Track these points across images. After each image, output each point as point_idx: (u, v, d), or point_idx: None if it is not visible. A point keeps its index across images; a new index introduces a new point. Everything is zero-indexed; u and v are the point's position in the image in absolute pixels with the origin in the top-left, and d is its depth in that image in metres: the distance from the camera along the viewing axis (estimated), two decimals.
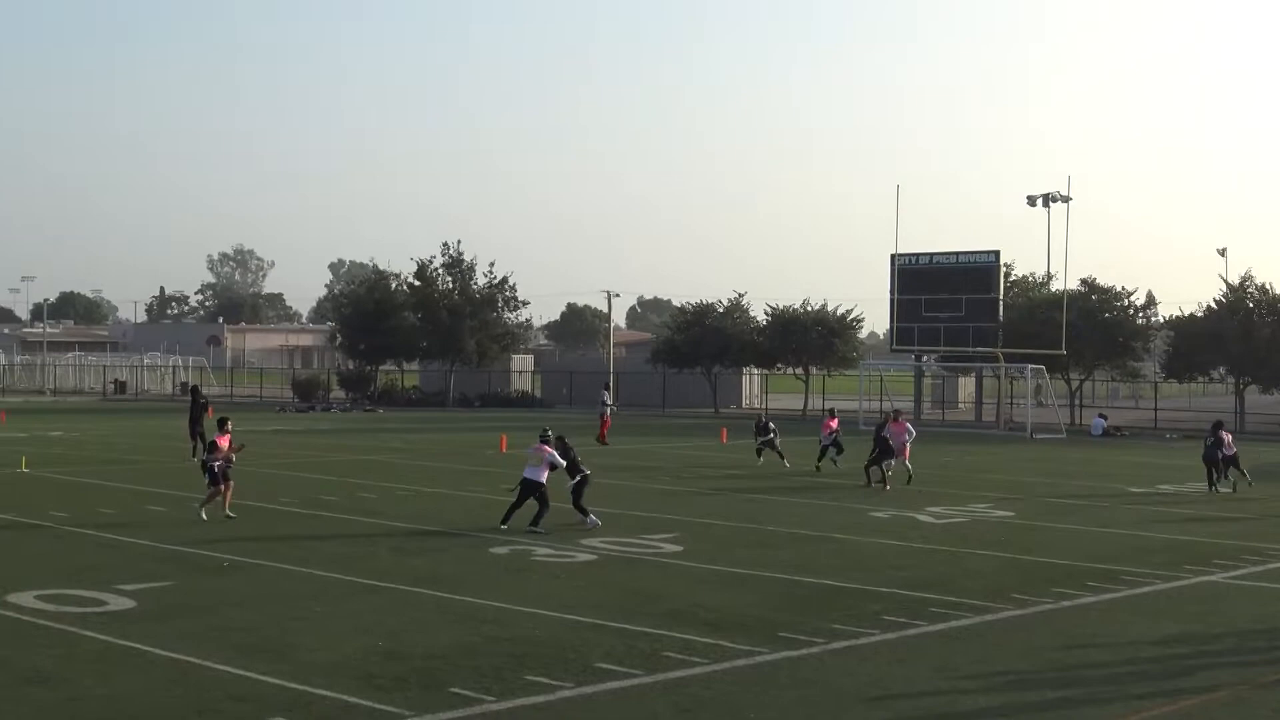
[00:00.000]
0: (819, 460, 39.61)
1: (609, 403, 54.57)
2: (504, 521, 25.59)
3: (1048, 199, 69.97)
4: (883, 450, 35.37)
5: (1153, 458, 48.78)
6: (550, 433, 26.96)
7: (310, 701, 13.02)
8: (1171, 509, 31.44)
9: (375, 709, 12.80)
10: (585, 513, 26.23)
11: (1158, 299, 75.59)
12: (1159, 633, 17.31)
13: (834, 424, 39.92)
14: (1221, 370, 74.41)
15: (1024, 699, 13.84)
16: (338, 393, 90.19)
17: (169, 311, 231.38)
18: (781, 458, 40.46)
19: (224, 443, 26.95)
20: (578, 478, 26.48)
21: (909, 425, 37.24)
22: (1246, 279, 70.47)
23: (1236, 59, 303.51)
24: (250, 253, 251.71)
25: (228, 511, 26.50)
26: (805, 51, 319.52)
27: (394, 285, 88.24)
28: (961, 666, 15.12)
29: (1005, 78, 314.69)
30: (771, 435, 41.08)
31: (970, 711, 13.36)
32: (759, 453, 41.38)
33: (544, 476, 25.69)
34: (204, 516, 26.18)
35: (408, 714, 12.63)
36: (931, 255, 73.72)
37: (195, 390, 46.06)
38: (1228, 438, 35.78)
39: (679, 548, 23.69)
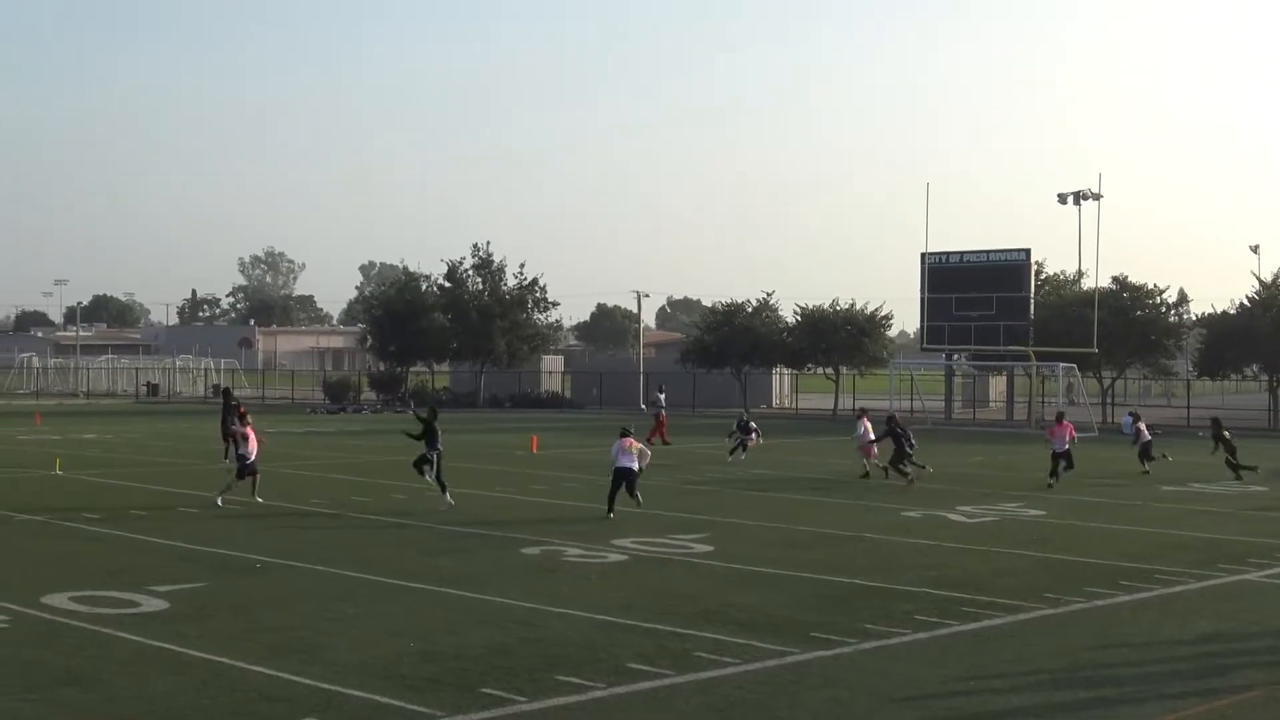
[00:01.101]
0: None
1: (664, 404, 54.59)
2: (610, 511, 27.62)
3: (1078, 196, 69.77)
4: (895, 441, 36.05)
5: (1184, 456, 48.45)
6: (631, 429, 29.41)
7: (343, 702, 13.05)
8: (1204, 507, 31.26)
9: (407, 709, 12.81)
10: (444, 489, 29.28)
11: (1190, 296, 75.22)
12: (1192, 632, 17.21)
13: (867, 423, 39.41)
14: (1255, 368, 73.94)
15: (1057, 699, 13.77)
16: (368, 394, 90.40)
17: (200, 314, 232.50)
18: (733, 452, 42.59)
19: (250, 433, 29.39)
20: (432, 454, 29.61)
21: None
22: (1279, 275, 70.09)
23: (1269, 55, 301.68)
24: (281, 255, 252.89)
25: (257, 496, 28.98)
26: (834, 51, 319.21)
27: (424, 287, 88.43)
28: (994, 666, 15.06)
29: (1035, 75, 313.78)
30: (752, 433, 42.89)
31: (1003, 711, 13.29)
32: (733, 451, 42.80)
33: (635, 464, 28.02)
34: (220, 503, 28.41)
35: (440, 714, 12.64)
36: (962, 254, 73.60)
37: (227, 392, 46.23)
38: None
39: (710, 548, 23.66)
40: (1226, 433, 39.81)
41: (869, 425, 38.14)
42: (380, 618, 17.23)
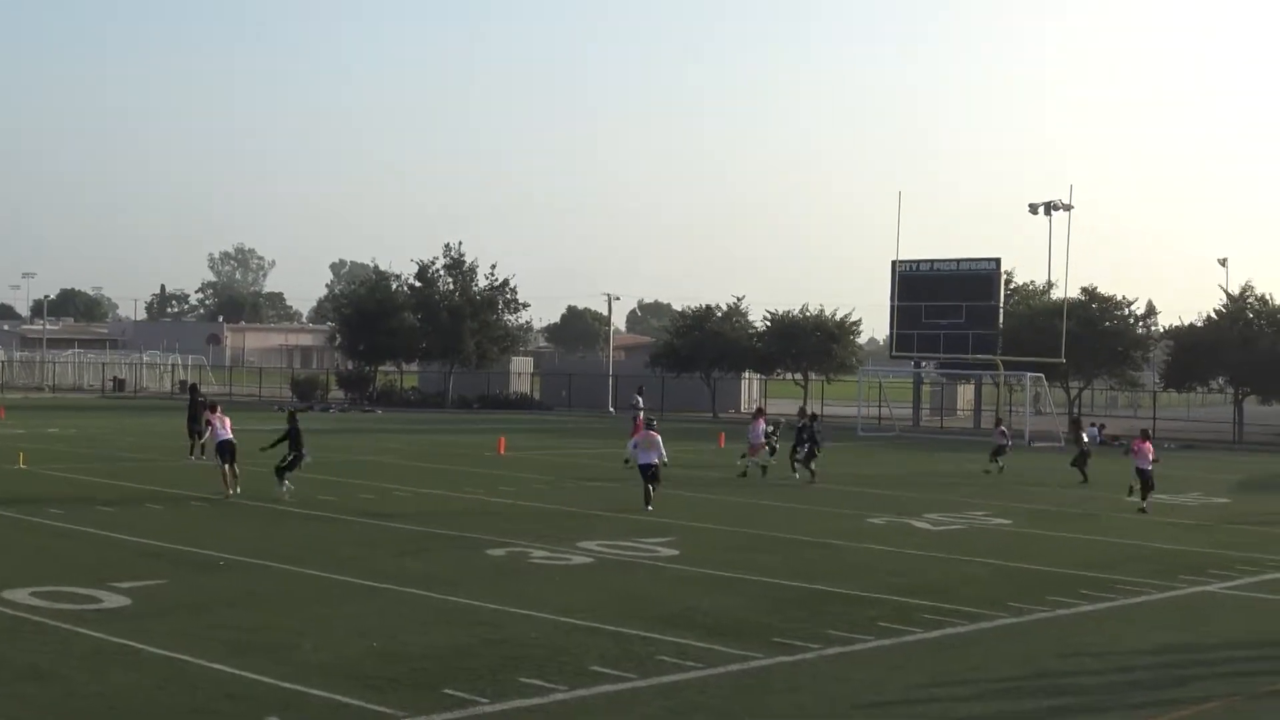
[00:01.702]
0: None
1: (641, 406, 54.49)
2: (647, 504, 29.16)
3: (1049, 207, 70.12)
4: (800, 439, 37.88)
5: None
6: (656, 421, 31.90)
7: (305, 701, 13.02)
8: (1166, 518, 31.44)
9: (369, 709, 12.79)
10: (281, 481, 30.16)
11: (1157, 309, 75.91)
12: (1154, 642, 17.31)
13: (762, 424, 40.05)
14: (1220, 380, 74.44)
15: (1018, 707, 13.84)
16: (336, 393, 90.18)
17: (169, 310, 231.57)
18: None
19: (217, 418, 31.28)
20: (295, 454, 30.43)
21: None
22: (1246, 289, 70.67)
23: (1238, 69, 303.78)
24: (251, 252, 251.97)
25: (234, 490, 29.73)
26: (808, 57, 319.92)
27: (395, 286, 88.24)
28: (956, 674, 15.13)
29: (1009, 85, 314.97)
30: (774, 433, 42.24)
31: (964, 718, 13.35)
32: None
33: (655, 459, 29.53)
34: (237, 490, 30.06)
35: (401, 714, 12.62)
36: (932, 262, 73.87)
37: (194, 389, 46.13)
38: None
39: (675, 551, 23.68)
40: (1085, 435, 43.22)
41: (764, 425, 39.32)
42: (344, 617, 17.19)
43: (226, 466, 30.48)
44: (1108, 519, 31.13)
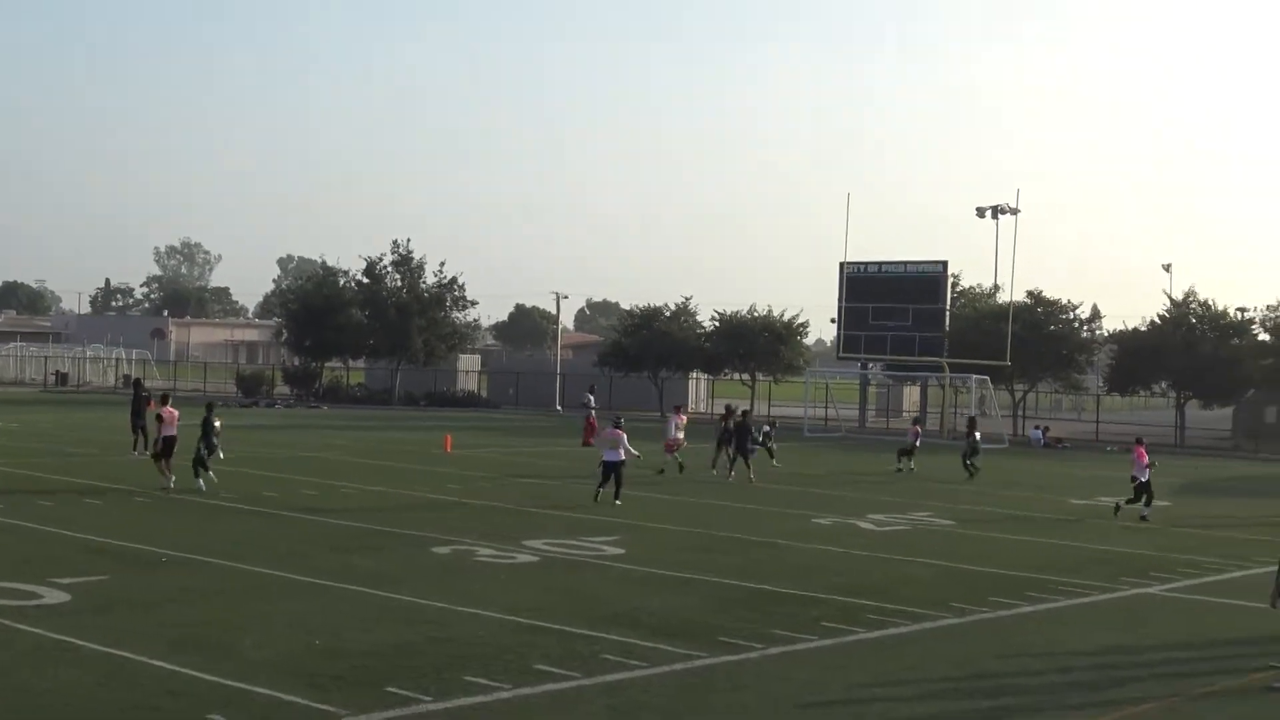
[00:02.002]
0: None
1: (593, 405, 54.43)
2: (603, 493, 30.28)
3: (996, 211, 70.55)
4: (727, 436, 38.67)
5: (1093, 470, 49.19)
6: (623, 420, 32.78)
7: (247, 699, 12.97)
8: (1110, 521, 31.71)
9: (311, 707, 12.76)
10: (198, 475, 30.46)
11: (1102, 313, 76.49)
12: (1094, 643, 17.48)
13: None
14: (1163, 384, 75.14)
15: (959, 707, 13.95)
16: (282, 389, 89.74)
17: (114, 304, 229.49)
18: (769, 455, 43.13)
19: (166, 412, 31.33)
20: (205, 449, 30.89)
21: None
22: (1190, 295, 71.36)
23: (1184, 76, 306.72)
24: (197, 246, 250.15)
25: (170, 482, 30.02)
26: (760, 59, 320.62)
27: (342, 282, 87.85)
28: (897, 674, 15.23)
29: (958, 90, 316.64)
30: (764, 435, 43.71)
31: (905, 718, 13.45)
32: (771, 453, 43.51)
33: (621, 456, 30.34)
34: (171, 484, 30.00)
35: (344, 713, 12.60)
36: (880, 264, 74.19)
37: (138, 383, 45.79)
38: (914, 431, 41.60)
39: (621, 550, 23.73)
40: (977, 434, 44.26)
41: (680, 421, 40.04)
42: (287, 614, 17.14)
43: (163, 461, 30.63)
44: (1050, 521, 31.39)
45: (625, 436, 31.29)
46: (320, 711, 12.64)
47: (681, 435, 39.64)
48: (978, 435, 44.76)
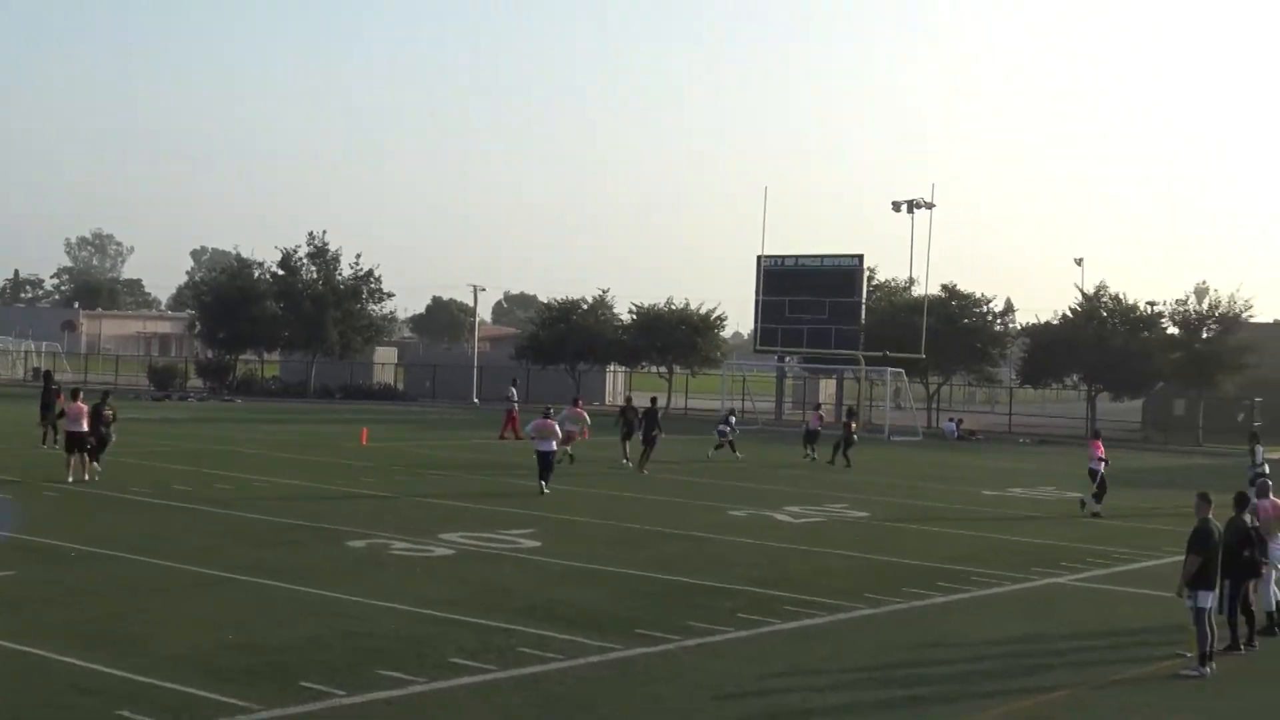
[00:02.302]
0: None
1: (515, 399, 54.14)
2: (542, 481, 31.42)
3: (912, 205, 71.06)
4: (629, 428, 39.93)
5: (1006, 461, 49.77)
6: (552, 410, 33.66)
7: (157, 694, 12.83)
8: (1022, 512, 32.10)
9: (223, 702, 12.63)
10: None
11: (1015, 306, 77.39)
12: (1005, 633, 17.70)
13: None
14: (1075, 377, 76.07)
15: (873, 697, 14.07)
16: (196, 382, 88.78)
17: (23, 295, 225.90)
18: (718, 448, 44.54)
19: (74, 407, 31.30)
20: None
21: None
22: (1101, 288, 72.33)
23: (1099, 71, 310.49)
24: (109, 237, 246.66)
25: (77, 476, 29.99)
26: (677, 51, 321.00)
27: (257, 274, 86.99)
28: (813, 665, 15.33)
29: (874, 84, 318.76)
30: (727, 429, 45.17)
31: (819, 709, 13.54)
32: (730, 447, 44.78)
33: (553, 447, 32.01)
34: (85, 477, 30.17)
35: (256, 708, 12.50)
36: (797, 258, 74.51)
37: (48, 376, 45.16)
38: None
39: (537, 543, 23.70)
40: (855, 423, 46.27)
41: (580, 413, 40.39)
42: (199, 609, 16.96)
43: (74, 456, 30.46)
44: (963, 512, 31.70)
45: (557, 426, 32.72)
46: (232, 706, 12.52)
47: (575, 428, 39.62)
48: (855, 426, 45.95)
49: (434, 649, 15.12)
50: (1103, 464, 32.42)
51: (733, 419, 47.22)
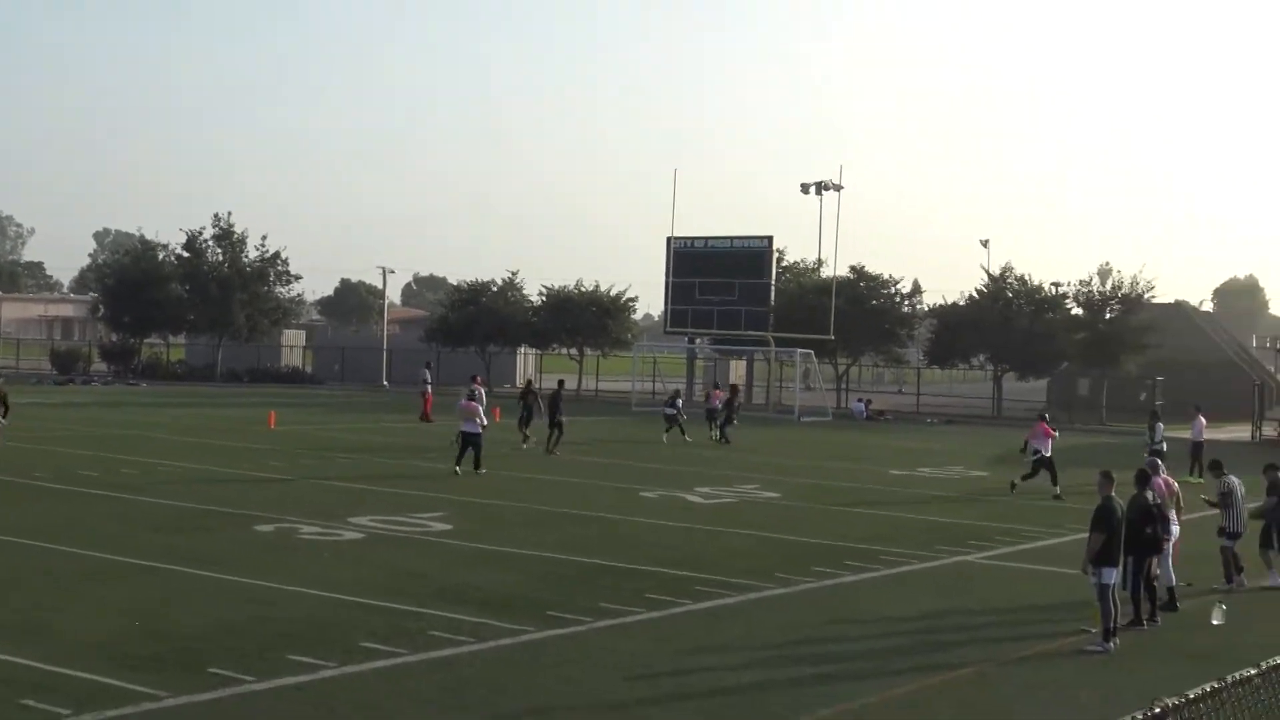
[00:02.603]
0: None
1: (430, 381, 53.75)
2: (457, 464, 31.96)
3: (820, 187, 71.49)
4: (529, 411, 40.29)
5: (914, 441, 50.24)
6: (477, 391, 35.17)
7: (63, 683, 12.65)
8: (930, 491, 32.43)
9: (130, 690, 12.49)
10: None
11: (923, 288, 78.05)
12: (914, 611, 17.89)
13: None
14: (981, 358, 76.88)
15: (782, 675, 14.17)
16: (100, 365, 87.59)
17: None
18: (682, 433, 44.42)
19: None
20: None
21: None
22: (1006, 269, 73.08)
23: (1007, 55, 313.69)
24: (9, 219, 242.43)
25: None
26: (586, 32, 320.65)
27: (161, 256, 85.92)
28: (724, 644, 15.41)
29: (783, 66, 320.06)
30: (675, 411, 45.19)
31: (730, 688, 13.61)
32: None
33: (478, 429, 32.27)
34: None
35: (164, 695, 12.37)
36: (706, 239, 74.67)
37: None
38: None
39: (448, 526, 23.63)
40: (738, 401, 47.80)
41: (477, 392, 39.75)
42: (105, 596, 16.76)
43: None
44: (872, 492, 31.97)
45: (481, 408, 33.12)
46: (140, 694, 12.38)
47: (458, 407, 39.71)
48: (736, 405, 47.13)
49: (344, 633, 15.04)
50: (1049, 443, 32.34)
51: (679, 400, 46.97)
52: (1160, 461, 20.90)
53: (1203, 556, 20.79)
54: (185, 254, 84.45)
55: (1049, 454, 32.31)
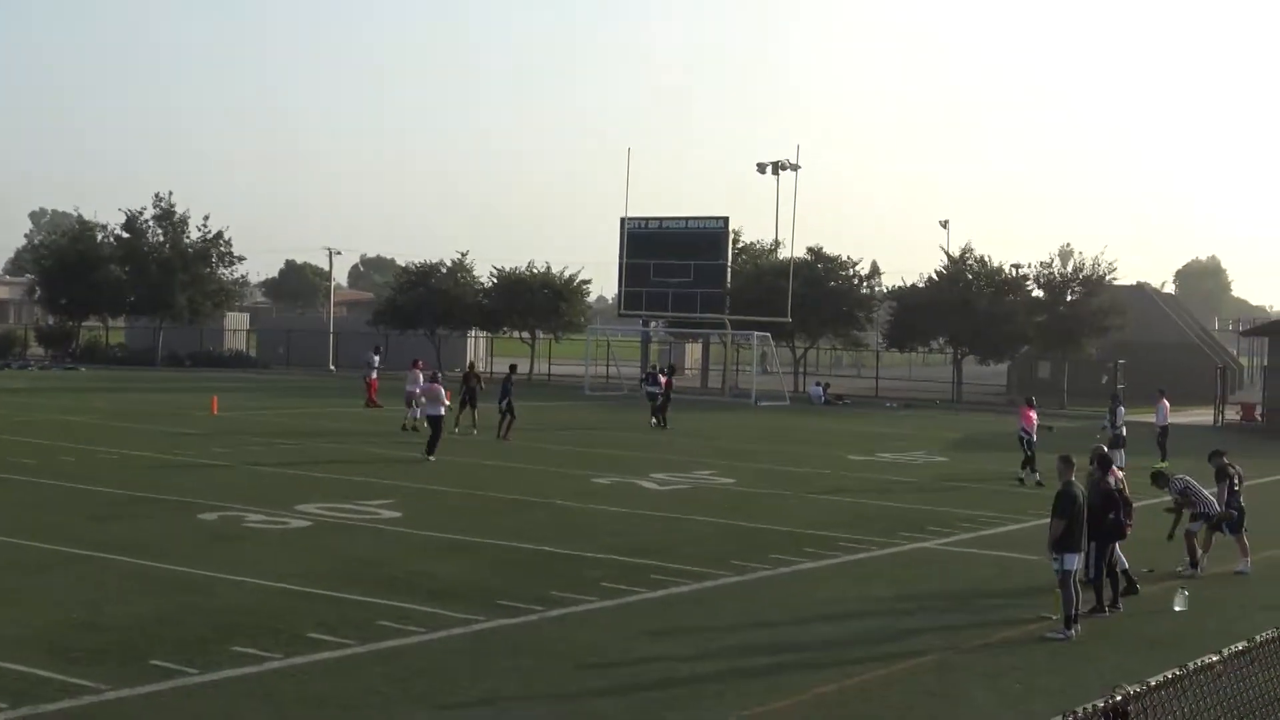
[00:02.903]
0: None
1: (377, 365, 53.46)
2: (430, 452, 31.89)
3: (777, 166, 71.50)
4: (471, 395, 39.91)
5: (873, 426, 50.43)
6: (439, 374, 35.63)
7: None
8: (889, 476, 32.56)
9: (69, 683, 12.41)
10: None
11: (882, 269, 78.24)
12: (873, 598, 17.97)
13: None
14: (941, 341, 77.16)
15: (741, 665, 14.20)
16: (36, 349, 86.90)
17: None
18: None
19: None
20: None
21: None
22: (966, 251, 73.32)
23: (965, 32, 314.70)
24: None
25: None
26: (536, 8, 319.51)
27: (100, 237, 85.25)
28: (679, 634, 15.44)
29: (739, 43, 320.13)
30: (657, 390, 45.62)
31: (687, 678, 13.64)
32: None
33: (442, 410, 32.60)
34: None
35: (104, 688, 12.30)
36: (661, 220, 74.61)
37: None
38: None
39: (397, 514, 23.56)
40: (664, 377, 47.09)
41: (418, 375, 39.87)
42: (43, 587, 16.64)
43: None
44: (830, 478, 32.05)
45: (444, 390, 33.26)
46: (79, 687, 12.30)
47: (414, 389, 39.57)
48: (669, 384, 47.38)
49: (290, 624, 14.98)
50: (1034, 432, 32.46)
51: (661, 378, 46.93)
52: (1112, 450, 20.90)
53: (1162, 543, 20.93)
54: (124, 234, 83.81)
55: (1034, 438, 32.48)
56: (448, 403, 33.51)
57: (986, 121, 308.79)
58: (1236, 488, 20.95)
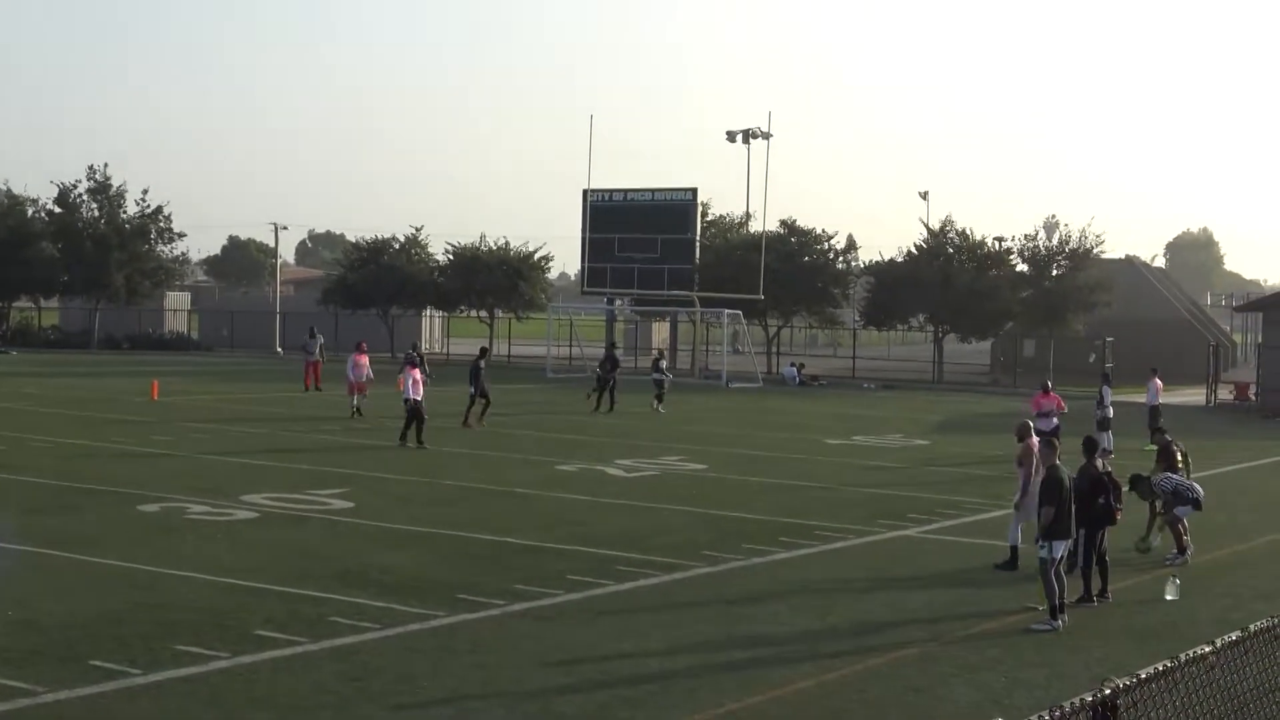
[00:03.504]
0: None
1: (318, 347, 53.22)
2: (405, 439, 32.21)
3: (748, 135, 71.44)
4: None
5: (850, 408, 50.55)
6: (419, 357, 36.15)
7: None
8: (867, 461, 32.67)
9: (3, 685, 12.39)
10: None
11: (858, 243, 78.29)
12: (851, 589, 18.05)
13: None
14: (920, 318, 77.23)
15: (712, 660, 14.25)
16: None
17: None
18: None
19: None
20: None
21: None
22: (947, 224, 73.36)
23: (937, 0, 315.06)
24: None
25: None
26: None
27: (31, 212, 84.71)
28: (649, 628, 15.48)
29: (707, 6, 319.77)
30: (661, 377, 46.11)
31: (657, 674, 13.68)
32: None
33: (420, 394, 32.56)
34: None
35: (40, 690, 12.28)
36: (625, 191, 74.46)
37: None
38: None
39: (350, 504, 23.53)
40: (607, 361, 46.84)
41: (362, 361, 40.30)
42: None
43: None
44: (806, 464, 32.14)
45: (418, 372, 33.34)
46: (15, 689, 12.29)
47: (355, 377, 39.74)
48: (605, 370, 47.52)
49: (238, 620, 14.97)
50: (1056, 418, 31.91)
51: (663, 363, 47.23)
52: (1098, 432, 21.01)
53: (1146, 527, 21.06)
54: (57, 209, 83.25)
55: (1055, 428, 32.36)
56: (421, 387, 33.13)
57: (968, 88, 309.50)
58: (1180, 466, 21.43)
